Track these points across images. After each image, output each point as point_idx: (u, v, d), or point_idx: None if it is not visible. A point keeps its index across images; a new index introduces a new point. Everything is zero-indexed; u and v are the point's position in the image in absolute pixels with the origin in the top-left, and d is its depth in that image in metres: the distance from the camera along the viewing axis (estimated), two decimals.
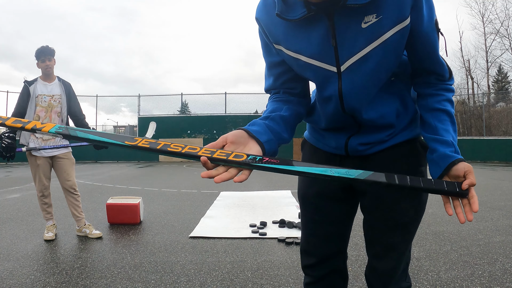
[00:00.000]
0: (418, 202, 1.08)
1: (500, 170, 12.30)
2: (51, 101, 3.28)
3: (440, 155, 0.93)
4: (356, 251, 2.86)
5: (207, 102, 20.74)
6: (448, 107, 0.98)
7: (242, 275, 2.38)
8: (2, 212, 4.55)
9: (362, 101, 0.98)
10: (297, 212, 4.28)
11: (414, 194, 1.07)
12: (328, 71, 0.95)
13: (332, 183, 1.13)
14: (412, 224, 1.09)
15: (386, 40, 0.87)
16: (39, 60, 3.25)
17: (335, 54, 0.91)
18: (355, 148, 1.07)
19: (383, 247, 1.11)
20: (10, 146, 3.02)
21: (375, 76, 0.94)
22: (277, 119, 0.99)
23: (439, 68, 0.98)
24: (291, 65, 1.01)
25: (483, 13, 26.54)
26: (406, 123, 1.06)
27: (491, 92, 26.47)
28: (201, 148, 0.85)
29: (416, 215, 1.09)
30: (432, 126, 0.97)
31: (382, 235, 1.11)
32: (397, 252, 1.10)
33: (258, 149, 0.92)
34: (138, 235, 3.41)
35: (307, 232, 1.23)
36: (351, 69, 0.92)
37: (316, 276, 1.23)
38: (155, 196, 5.97)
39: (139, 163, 17.92)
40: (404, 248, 1.10)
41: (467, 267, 2.46)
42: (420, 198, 1.09)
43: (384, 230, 1.10)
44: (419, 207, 1.09)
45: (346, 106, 0.99)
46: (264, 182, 8.35)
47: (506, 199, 5.47)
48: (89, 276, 2.34)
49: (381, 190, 1.07)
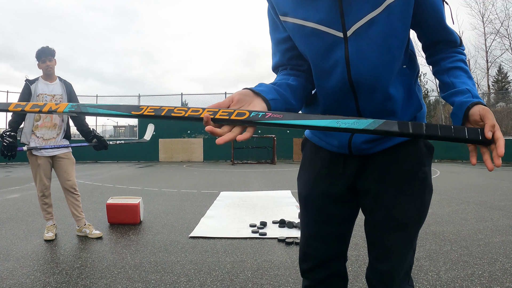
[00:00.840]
0: (420, 202, 1.06)
1: (500, 170, 12.30)
2: (52, 101, 3.28)
3: (457, 104, 0.90)
4: (356, 251, 2.86)
5: (207, 102, 20.66)
6: (462, 65, 0.98)
7: (242, 275, 2.38)
8: (2, 212, 4.55)
9: (370, 70, 0.95)
10: (297, 212, 4.28)
11: (416, 194, 1.04)
12: (334, 36, 0.95)
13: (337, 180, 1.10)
14: (413, 225, 1.06)
15: (390, 5, 0.89)
16: (39, 61, 3.25)
17: (342, 20, 0.92)
18: (359, 146, 1.04)
19: (384, 248, 1.09)
20: (11, 145, 3.02)
21: (383, 44, 0.93)
22: (284, 86, 0.99)
23: (449, 36, 0.99)
24: (295, 38, 1.01)
25: (483, 13, 26.51)
26: (409, 118, 1.04)
27: (491, 92, 26.48)
28: (203, 109, 0.85)
29: (418, 216, 1.06)
30: (448, 83, 0.96)
31: (382, 236, 1.09)
32: (398, 254, 1.07)
33: (264, 105, 0.90)
34: (138, 235, 3.41)
35: (308, 234, 1.19)
36: (357, 34, 0.93)
37: (316, 279, 1.20)
38: (155, 196, 5.97)
39: (139, 163, 17.93)
40: (405, 250, 1.07)
41: (467, 267, 2.46)
42: (423, 198, 1.06)
43: (385, 230, 1.08)
44: (422, 207, 1.07)
45: (353, 72, 0.96)
46: (264, 182, 8.36)
47: (506, 199, 5.47)
48: (89, 276, 2.34)
49: (382, 189, 1.06)
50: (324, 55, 0.98)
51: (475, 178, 9.06)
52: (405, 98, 1.03)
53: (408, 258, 1.09)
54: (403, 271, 1.09)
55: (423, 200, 1.06)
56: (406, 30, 0.95)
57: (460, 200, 5.42)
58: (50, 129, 3.28)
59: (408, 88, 1.03)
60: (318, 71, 1.02)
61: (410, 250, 1.09)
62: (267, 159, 17.67)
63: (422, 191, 1.06)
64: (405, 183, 1.05)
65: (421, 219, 1.08)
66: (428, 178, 1.07)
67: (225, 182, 8.45)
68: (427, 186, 1.06)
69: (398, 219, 1.04)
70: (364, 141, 1.04)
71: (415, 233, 1.08)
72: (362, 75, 0.96)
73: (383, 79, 0.96)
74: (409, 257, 1.09)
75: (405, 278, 1.10)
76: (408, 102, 1.04)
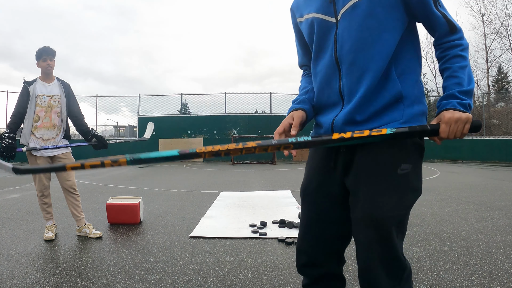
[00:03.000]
0: (397, 198, 1.07)
1: (500, 170, 12.30)
2: (50, 101, 3.28)
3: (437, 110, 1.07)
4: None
5: (207, 102, 20.66)
6: (453, 64, 1.06)
7: (242, 275, 2.38)
8: (2, 212, 4.55)
9: (351, 46, 1.11)
10: (297, 212, 4.28)
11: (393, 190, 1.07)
12: (328, 22, 1.16)
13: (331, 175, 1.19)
14: (388, 221, 1.05)
15: None
16: (40, 60, 3.25)
17: (333, 7, 1.14)
18: (341, 127, 1.13)
19: (359, 244, 1.11)
20: (11, 146, 3.02)
21: (362, 23, 1.09)
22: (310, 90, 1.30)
23: (434, 23, 1.09)
24: (305, 32, 1.25)
25: (483, 13, 26.48)
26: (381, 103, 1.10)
27: (491, 92, 26.46)
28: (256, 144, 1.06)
29: (393, 213, 1.05)
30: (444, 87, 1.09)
31: (358, 231, 1.10)
32: (372, 250, 1.06)
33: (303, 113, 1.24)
34: (138, 235, 3.41)
35: (304, 230, 1.24)
36: (344, 17, 1.12)
37: (312, 277, 1.23)
38: (155, 196, 5.97)
39: None
40: (379, 247, 1.05)
41: (467, 267, 2.46)
42: (401, 195, 1.07)
43: (360, 226, 1.09)
44: (399, 204, 1.07)
45: (338, 49, 1.14)
46: (264, 182, 8.36)
47: (506, 199, 5.47)
48: (89, 276, 2.34)
49: (360, 185, 1.09)
50: (322, 38, 1.18)
51: (475, 178, 9.06)
52: (380, 81, 1.10)
53: (386, 256, 1.06)
54: (383, 270, 1.06)
55: (401, 197, 1.07)
56: (387, 14, 1.08)
57: (460, 200, 5.42)
58: (50, 129, 3.27)
59: (386, 72, 1.11)
60: (316, 54, 1.22)
61: (387, 247, 1.06)
62: (267, 159, 17.67)
63: (401, 188, 1.07)
64: (382, 179, 1.07)
65: (397, 216, 1.07)
66: (410, 175, 1.08)
67: (225, 182, 8.45)
68: (408, 183, 1.08)
69: (370, 214, 1.05)
70: (345, 122, 1.13)
71: (391, 230, 1.05)
72: (344, 50, 1.12)
73: (361, 56, 1.10)
74: (388, 255, 1.07)
75: (390, 282, 1.07)
76: (382, 86, 1.10)
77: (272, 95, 19.83)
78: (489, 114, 21.49)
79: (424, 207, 4.80)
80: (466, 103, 1.02)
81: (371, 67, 1.09)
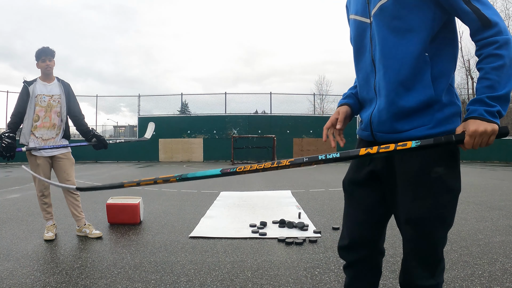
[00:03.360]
0: (432, 200, 1.12)
1: (500, 170, 12.31)
2: (50, 101, 3.28)
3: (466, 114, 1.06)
4: None
5: (207, 102, 20.67)
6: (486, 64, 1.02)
7: (242, 275, 2.38)
8: (2, 212, 4.55)
9: (381, 48, 1.15)
10: (297, 212, 4.28)
11: (427, 193, 1.12)
12: (364, 23, 1.22)
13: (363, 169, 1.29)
14: (424, 222, 1.13)
15: None
16: (39, 60, 3.25)
17: (368, 8, 1.19)
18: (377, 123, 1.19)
19: (403, 238, 1.22)
20: (10, 146, 3.02)
21: (389, 26, 1.12)
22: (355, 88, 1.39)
23: (466, 19, 1.05)
24: (350, 31, 1.31)
25: None
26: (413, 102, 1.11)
27: None
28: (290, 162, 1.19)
29: (430, 214, 1.12)
30: (475, 89, 1.08)
31: (401, 228, 1.22)
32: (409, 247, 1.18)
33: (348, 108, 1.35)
34: (138, 235, 3.41)
35: (344, 217, 1.37)
36: (375, 18, 1.16)
37: (348, 260, 1.34)
38: (155, 196, 5.97)
39: (139, 162, 17.93)
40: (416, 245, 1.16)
41: (467, 267, 2.46)
42: (436, 197, 1.12)
43: (401, 224, 1.21)
44: (435, 205, 1.12)
45: (373, 49, 1.19)
46: (264, 182, 8.36)
47: (506, 199, 5.47)
48: (89, 276, 2.34)
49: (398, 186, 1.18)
50: (360, 39, 1.24)
51: (475, 178, 9.06)
52: (409, 83, 1.11)
53: (424, 251, 1.16)
54: (418, 262, 1.16)
55: (436, 199, 1.11)
56: (413, 15, 1.08)
57: (460, 200, 5.40)
58: (49, 129, 3.27)
59: (418, 74, 1.10)
60: (356, 54, 1.28)
61: (425, 244, 1.15)
62: (267, 159, 17.66)
63: (434, 190, 1.11)
64: (415, 182, 1.13)
65: (436, 217, 1.13)
66: (443, 177, 1.11)
67: (225, 182, 8.46)
68: (442, 184, 1.12)
69: (407, 214, 1.15)
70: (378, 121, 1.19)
71: (430, 229, 1.13)
72: (376, 50, 1.17)
73: (388, 56, 1.13)
74: (425, 251, 1.16)
75: (424, 273, 1.16)
76: (412, 88, 1.12)
77: (272, 95, 19.84)
78: None
79: None
80: (494, 111, 0.99)
81: (396, 68, 1.12)
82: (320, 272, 2.41)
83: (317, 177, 9.62)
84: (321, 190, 6.73)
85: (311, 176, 9.93)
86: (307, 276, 2.34)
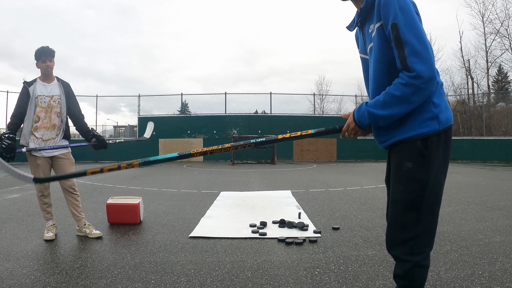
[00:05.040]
0: (403, 188, 1.43)
1: (500, 170, 12.31)
2: (50, 101, 3.28)
3: None
4: (356, 251, 2.86)
5: (207, 102, 20.67)
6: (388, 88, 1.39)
7: (242, 275, 2.38)
8: (2, 212, 4.54)
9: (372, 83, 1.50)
10: (297, 212, 4.28)
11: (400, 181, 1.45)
12: (366, 59, 1.58)
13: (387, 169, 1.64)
14: (399, 203, 1.44)
15: (375, 34, 1.44)
16: (39, 61, 3.25)
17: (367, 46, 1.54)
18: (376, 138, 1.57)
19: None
20: (10, 147, 3.01)
21: (378, 62, 1.45)
22: None
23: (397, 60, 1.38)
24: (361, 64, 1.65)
25: (483, 13, 26.41)
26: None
27: (491, 92, 26.46)
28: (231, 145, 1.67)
29: (401, 198, 1.43)
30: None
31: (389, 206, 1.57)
32: (390, 222, 1.49)
33: None
34: (138, 235, 3.41)
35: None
36: (370, 55, 1.51)
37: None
38: (155, 196, 5.97)
39: None
40: (395, 221, 1.46)
41: (467, 267, 2.46)
42: (406, 185, 1.42)
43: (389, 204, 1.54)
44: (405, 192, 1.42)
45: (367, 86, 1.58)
46: (264, 182, 8.36)
47: (506, 199, 5.47)
48: (89, 276, 2.34)
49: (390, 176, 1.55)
50: (365, 72, 1.61)
51: (475, 178, 9.06)
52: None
53: (399, 229, 1.44)
54: (397, 238, 1.44)
55: (406, 187, 1.42)
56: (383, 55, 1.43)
57: (460, 200, 5.42)
58: (49, 130, 3.27)
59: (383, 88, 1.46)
60: (366, 81, 1.61)
61: (400, 223, 1.44)
62: (267, 159, 17.66)
63: (405, 180, 1.43)
64: (395, 172, 1.48)
65: (405, 200, 1.42)
66: (411, 171, 1.41)
67: (225, 182, 8.46)
68: (409, 176, 1.42)
69: (391, 197, 1.51)
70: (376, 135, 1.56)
71: (401, 210, 1.43)
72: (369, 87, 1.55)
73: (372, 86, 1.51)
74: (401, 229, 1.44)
75: (404, 248, 1.42)
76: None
77: (272, 95, 19.83)
78: (489, 114, 21.47)
79: None
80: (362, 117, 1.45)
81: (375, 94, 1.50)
82: (320, 272, 2.41)
83: (317, 177, 9.62)
84: (321, 190, 6.73)
85: (311, 176, 9.93)
86: (307, 276, 2.34)
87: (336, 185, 7.47)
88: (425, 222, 1.41)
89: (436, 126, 1.38)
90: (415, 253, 1.40)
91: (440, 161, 1.42)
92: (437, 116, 1.38)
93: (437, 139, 1.39)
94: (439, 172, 1.42)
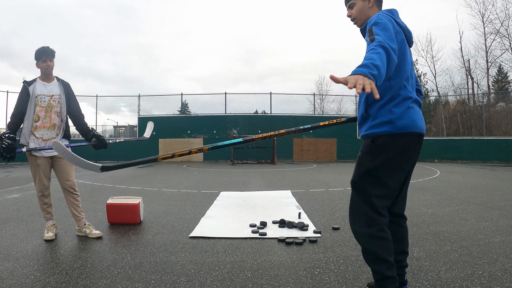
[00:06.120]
0: (355, 172, 1.82)
1: (500, 170, 12.31)
2: (50, 101, 3.28)
3: None
4: (356, 251, 2.86)
5: (207, 102, 20.62)
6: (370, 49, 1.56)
7: (242, 275, 2.38)
8: (2, 212, 4.54)
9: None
10: (297, 212, 4.28)
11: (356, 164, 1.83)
12: None
13: None
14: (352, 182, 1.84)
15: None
16: (39, 60, 3.25)
17: None
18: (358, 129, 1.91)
19: None
20: (11, 147, 3.01)
21: None
22: None
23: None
24: None
25: (483, 13, 26.44)
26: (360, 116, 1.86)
27: (491, 92, 26.46)
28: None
29: (352, 177, 1.83)
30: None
31: None
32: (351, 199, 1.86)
33: None
34: (138, 235, 3.41)
35: None
36: None
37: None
38: (155, 196, 5.97)
39: None
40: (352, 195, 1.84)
41: (467, 267, 2.46)
42: (356, 170, 1.81)
43: None
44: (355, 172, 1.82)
45: None
46: (264, 182, 8.36)
47: (506, 199, 5.47)
48: (89, 276, 2.34)
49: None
50: None
51: (475, 178, 9.06)
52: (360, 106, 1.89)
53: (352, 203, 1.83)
54: (350, 211, 1.84)
55: (356, 170, 1.82)
56: None
57: (460, 200, 5.42)
58: (50, 129, 3.27)
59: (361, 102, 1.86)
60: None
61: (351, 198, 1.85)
62: (267, 159, 17.66)
63: (356, 165, 1.83)
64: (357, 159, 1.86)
65: (353, 181, 1.83)
66: (361, 158, 1.80)
67: (225, 182, 8.46)
68: (358, 164, 1.81)
69: None
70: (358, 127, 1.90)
71: (352, 189, 1.84)
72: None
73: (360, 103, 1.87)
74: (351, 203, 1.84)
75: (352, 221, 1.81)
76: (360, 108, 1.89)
77: (272, 95, 19.83)
78: (489, 114, 21.47)
79: (424, 207, 4.80)
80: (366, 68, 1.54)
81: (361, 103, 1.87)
82: (320, 272, 2.41)
83: (317, 177, 9.62)
84: (321, 190, 6.73)
85: (311, 176, 9.93)
86: (307, 276, 2.34)
87: (336, 185, 7.47)
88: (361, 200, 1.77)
89: (388, 129, 1.69)
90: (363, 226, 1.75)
91: (389, 157, 1.71)
92: (391, 121, 1.69)
93: (390, 139, 1.70)
94: (384, 164, 1.72)
